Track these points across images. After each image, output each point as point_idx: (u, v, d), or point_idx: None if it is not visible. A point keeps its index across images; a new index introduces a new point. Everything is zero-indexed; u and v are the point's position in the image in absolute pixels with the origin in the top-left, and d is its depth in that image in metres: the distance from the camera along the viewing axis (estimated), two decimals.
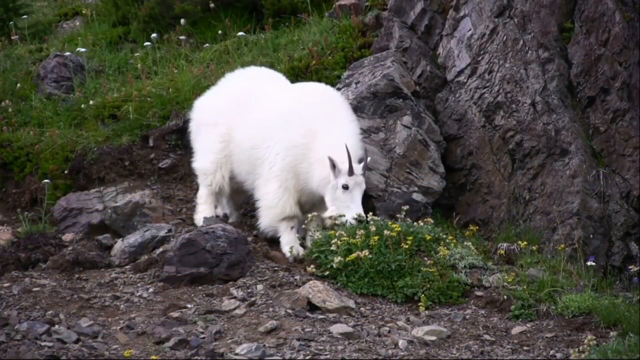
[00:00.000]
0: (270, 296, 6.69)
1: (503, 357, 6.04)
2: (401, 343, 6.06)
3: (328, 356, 5.81)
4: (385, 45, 9.15)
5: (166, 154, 9.08)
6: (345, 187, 7.24)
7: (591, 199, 8.02)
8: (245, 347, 5.77)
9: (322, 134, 7.42)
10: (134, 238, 7.60)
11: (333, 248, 7.06)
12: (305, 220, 7.50)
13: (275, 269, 7.17)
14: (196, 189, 8.40)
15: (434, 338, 6.22)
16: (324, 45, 9.58)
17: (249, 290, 6.78)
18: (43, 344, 5.76)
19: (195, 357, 5.76)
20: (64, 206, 8.40)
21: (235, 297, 6.67)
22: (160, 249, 7.45)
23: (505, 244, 7.65)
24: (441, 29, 9.06)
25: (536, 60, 8.37)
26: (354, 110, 8.12)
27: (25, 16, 12.46)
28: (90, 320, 6.31)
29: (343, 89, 8.41)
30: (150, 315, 6.45)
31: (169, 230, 7.65)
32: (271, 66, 9.33)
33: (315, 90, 7.89)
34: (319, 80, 8.71)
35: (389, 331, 6.33)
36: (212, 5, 11.08)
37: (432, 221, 7.62)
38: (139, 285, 7.03)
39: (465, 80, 8.64)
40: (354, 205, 7.24)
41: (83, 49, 10.75)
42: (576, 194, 8.01)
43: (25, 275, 7.34)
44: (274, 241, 7.67)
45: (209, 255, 6.98)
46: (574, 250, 7.71)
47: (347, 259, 6.96)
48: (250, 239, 7.59)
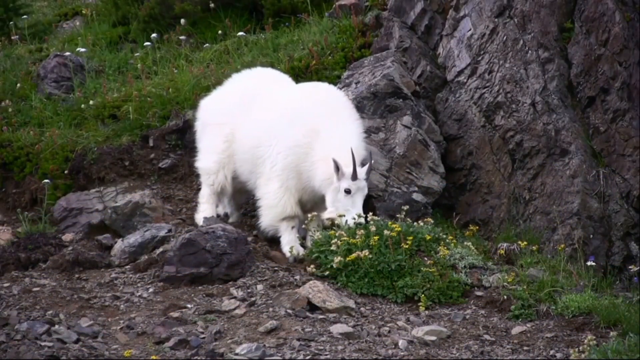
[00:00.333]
0: (270, 296, 6.68)
1: (503, 357, 6.04)
2: (401, 343, 6.06)
3: (328, 356, 5.81)
4: (385, 45, 9.15)
5: (166, 154, 9.08)
6: (348, 191, 7.21)
7: (591, 199, 8.02)
8: (245, 347, 5.77)
9: (325, 134, 7.38)
10: (134, 238, 7.60)
11: (333, 248, 7.06)
12: (306, 220, 7.50)
13: (275, 269, 7.16)
14: (196, 189, 8.41)
15: (434, 338, 6.22)
16: (324, 45, 9.57)
17: (249, 290, 6.78)
18: (43, 344, 5.76)
19: (195, 357, 5.76)
20: (64, 206, 8.40)
21: (235, 297, 6.66)
22: (160, 249, 7.45)
23: (505, 244, 7.64)
24: (441, 29, 9.05)
25: (536, 60, 8.37)
26: None
27: (25, 16, 12.46)
28: (90, 320, 6.31)
29: (343, 89, 8.39)
30: (150, 315, 6.45)
31: (169, 230, 7.65)
32: (271, 66, 9.32)
33: (319, 90, 7.85)
34: (319, 80, 8.70)
35: (389, 331, 6.33)
36: (212, 5, 11.07)
37: (432, 221, 7.61)
38: (139, 285, 7.03)
39: (465, 80, 8.64)
40: (355, 209, 7.21)
41: (83, 49, 10.74)
42: (576, 194, 8.01)
43: (25, 275, 7.34)
44: (274, 241, 7.67)
45: (209, 255, 6.98)
46: (574, 250, 7.71)
47: (347, 259, 6.96)
48: (250, 239, 7.59)
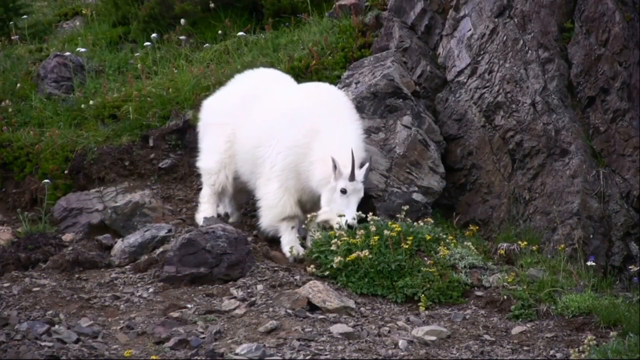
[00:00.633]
0: (270, 296, 6.68)
1: (503, 357, 6.04)
2: (401, 343, 6.06)
3: (328, 356, 5.81)
4: (385, 45, 9.14)
5: (166, 154, 9.08)
6: (344, 192, 7.22)
7: (591, 199, 8.02)
8: (245, 347, 5.76)
9: (325, 133, 7.39)
10: (134, 238, 7.60)
11: (333, 248, 7.05)
12: (306, 220, 7.49)
13: (275, 269, 7.16)
14: (196, 189, 8.41)
15: (434, 338, 6.22)
16: (324, 45, 9.57)
17: (249, 290, 6.77)
18: (43, 344, 5.76)
19: (195, 357, 5.76)
20: (64, 206, 8.40)
21: (235, 297, 6.66)
22: (160, 249, 7.45)
23: (505, 244, 7.64)
24: (441, 29, 9.05)
25: (536, 60, 8.36)
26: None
27: (25, 16, 12.46)
28: (90, 320, 6.31)
29: (343, 89, 8.39)
30: (150, 315, 6.44)
31: (169, 230, 7.65)
32: (271, 66, 9.33)
33: (320, 90, 7.85)
34: (319, 80, 8.70)
35: (389, 331, 6.33)
36: (212, 5, 11.07)
37: (432, 221, 7.61)
38: (139, 285, 7.03)
39: (465, 80, 8.63)
40: (349, 211, 7.20)
41: (83, 49, 10.74)
42: (576, 194, 8.01)
43: (25, 275, 7.34)
44: (274, 241, 7.67)
45: (209, 255, 6.97)
46: (574, 250, 7.71)
47: (347, 259, 6.96)
48: (250, 239, 7.59)
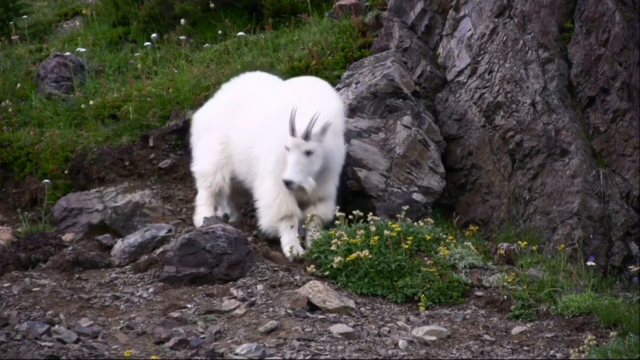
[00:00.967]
0: (270, 296, 6.68)
1: (503, 357, 6.04)
2: (401, 343, 6.06)
3: (328, 356, 5.81)
4: (385, 45, 9.14)
5: (166, 154, 9.08)
6: (287, 149, 7.16)
7: (591, 199, 8.01)
8: (245, 347, 5.76)
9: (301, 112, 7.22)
10: (134, 238, 7.60)
11: (333, 248, 7.06)
12: (306, 220, 7.49)
13: (275, 269, 7.16)
14: (196, 189, 8.39)
15: (434, 338, 6.22)
16: (324, 45, 9.57)
17: (249, 290, 6.77)
18: (43, 344, 5.75)
19: (195, 357, 5.75)
20: (64, 206, 8.40)
21: (235, 297, 6.66)
22: (160, 249, 7.45)
23: (505, 244, 7.64)
24: (441, 29, 9.05)
25: (536, 60, 8.36)
26: (354, 110, 8.13)
27: (25, 16, 12.46)
28: (90, 320, 6.30)
29: (343, 89, 8.40)
30: (150, 315, 6.44)
31: (169, 230, 7.64)
32: (271, 66, 9.34)
33: (302, 80, 7.90)
34: None
35: (389, 331, 6.33)
36: (212, 5, 11.07)
37: (432, 221, 7.61)
38: (139, 285, 7.03)
39: (465, 80, 8.63)
40: (287, 167, 7.14)
41: (83, 49, 10.74)
42: (576, 194, 8.01)
43: (25, 275, 7.34)
44: (274, 241, 7.66)
45: (209, 255, 6.97)
46: (574, 250, 7.71)
47: (347, 259, 6.96)
48: (250, 239, 7.58)
